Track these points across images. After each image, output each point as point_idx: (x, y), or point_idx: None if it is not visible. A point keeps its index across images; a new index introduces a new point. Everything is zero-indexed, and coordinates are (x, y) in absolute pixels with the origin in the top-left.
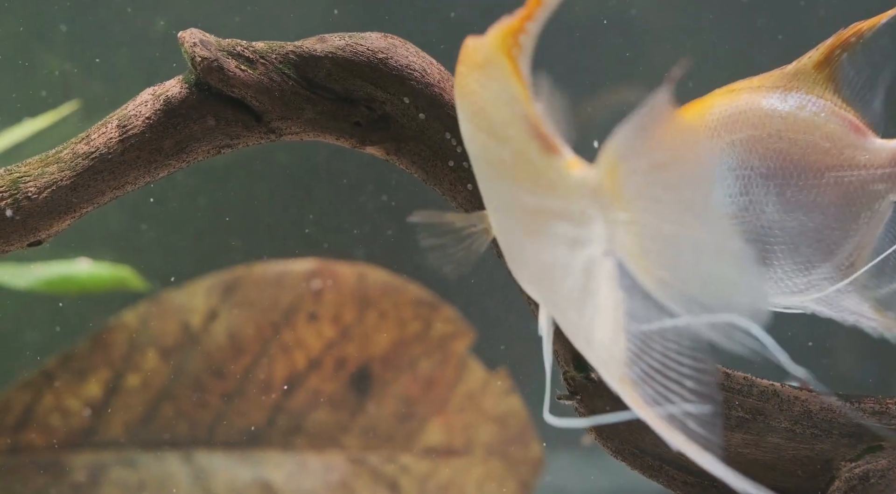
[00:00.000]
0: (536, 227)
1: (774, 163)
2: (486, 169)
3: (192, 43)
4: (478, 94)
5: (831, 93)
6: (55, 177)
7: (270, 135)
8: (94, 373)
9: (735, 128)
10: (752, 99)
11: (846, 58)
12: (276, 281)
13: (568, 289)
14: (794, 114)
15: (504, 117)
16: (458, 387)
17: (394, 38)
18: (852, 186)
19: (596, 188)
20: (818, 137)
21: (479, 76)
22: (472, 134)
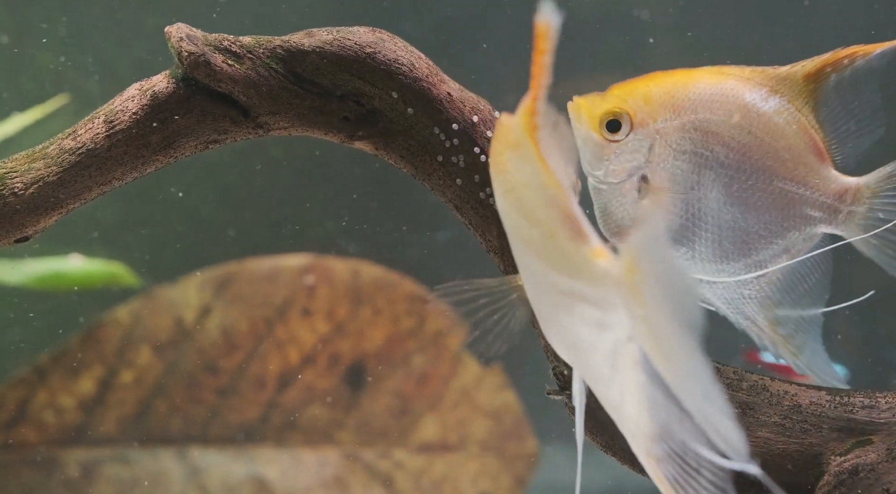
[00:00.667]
0: (565, 305)
1: (734, 155)
2: (519, 244)
3: (179, 37)
4: (511, 174)
5: (809, 110)
6: (42, 173)
7: (258, 130)
8: (88, 370)
9: (713, 108)
10: (737, 88)
11: (834, 78)
12: (270, 276)
13: (596, 364)
14: (769, 116)
15: (535, 200)
16: (452, 383)
17: (382, 33)
18: (793, 203)
19: (618, 280)
20: (782, 146)
21: (512, 156)
22: (506, 210)
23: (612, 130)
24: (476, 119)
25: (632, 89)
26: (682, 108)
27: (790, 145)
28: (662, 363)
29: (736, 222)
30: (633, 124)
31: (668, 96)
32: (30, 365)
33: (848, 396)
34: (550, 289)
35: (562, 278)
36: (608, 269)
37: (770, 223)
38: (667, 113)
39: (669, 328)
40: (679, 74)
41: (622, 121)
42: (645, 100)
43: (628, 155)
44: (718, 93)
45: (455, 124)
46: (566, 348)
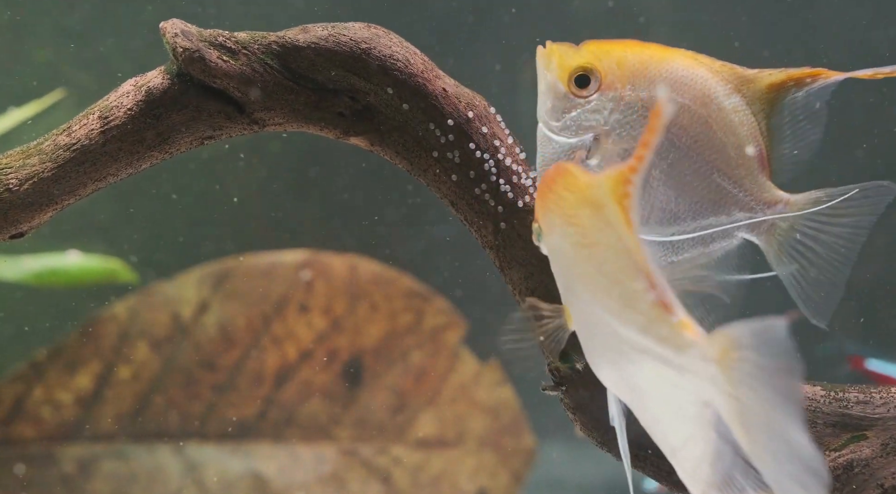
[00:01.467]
0: (632, 358)
1: (686, 140)
2: (582, 290)
3: (174, 33)
4: (588, 230)
5: (763, 117)
6: (36, 169)
7: (253, 126)
8: (85, 366)
9: (681, 90)
10: (706, 77)
11: (793, 93)
12: (267, 272)
13: (657, 410)
14: (727, 111)
15: (616, 262)
16: (450, 379)
17: (377, 29)
18: (725, 201)
19: (706, 356)
20: (730, 143)
21: (590, 214)
22: (574, 260)
23: (580, 86)
24: (471, 115)
25: (608, 50)
26: (652, 82)
27: (738, 145)
28: (747, 440)
29: (667, 204)
30: (601, 84)
31: (641, 66)
32: (27, 360)
33: (842, 391)
34: (616, 340)
35: (637, 336)
36: (696, 344)
37: (698, 214)
38: (636, 82)
39: (762, 415)
40: (655, 48)
41: (592, 78)
42: (619, 63)
43: (589, 114)
44: (689, 77)
45: (450, 120)
46: (621, 387)
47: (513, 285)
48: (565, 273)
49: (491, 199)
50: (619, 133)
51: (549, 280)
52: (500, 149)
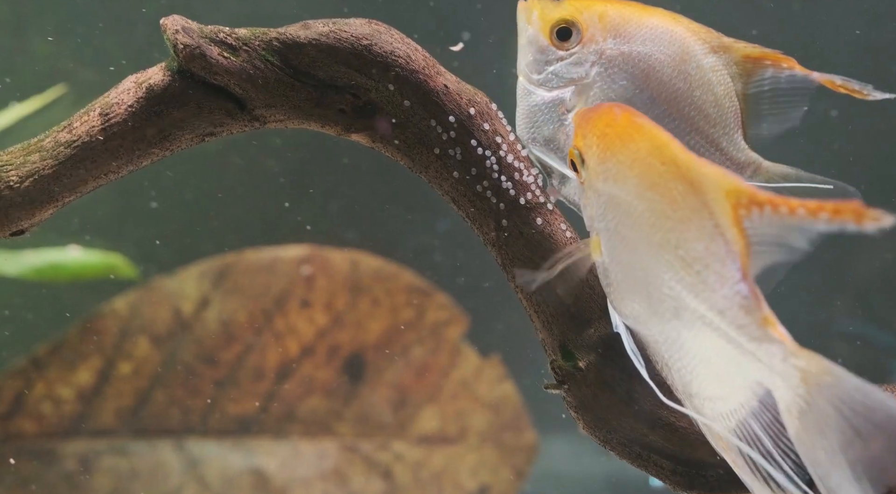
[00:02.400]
0: (687, 320)
1: (666, 96)
2: (643, 247)
3: (175, 30)
4: (676, 203)
5: (739, 81)
6: (37, 166)
7: (254, 122)
8: (85, 361)
9: (661, 46)
10: (686, 35)
11: (772, 70)
12: (268, 267)
13: (689, 361)
14: (705, 70)
15: (702, 245)
16: (451, 374)
17: (378, 25)
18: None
19: (792, 361)
20: (708, 101)
21: (687, 192)
22: (641, 218)
23: (561, 38)
24: (473, 111)
25: (589, 4)
26: (632, 37)
27: (715, 103)
28: (799, 431)
29: None
30: (582, 37)
31: (622, 20)
32: (27, 356)
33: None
34: (673, 301)
35: (710, 313)
36: (783, 345)
37: None
38: (618, 36)
39: (824, 428)
40: (635, 5)
41: (574, 31)
42: (600, 17)
43: (571, 67)
44: (668, 34)
45: (452, 117)
46: (650, 327)
47: (514, 283)
48: (623, 223)
49: (493, 197)
50: (600, 86)
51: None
52: (501, 146)
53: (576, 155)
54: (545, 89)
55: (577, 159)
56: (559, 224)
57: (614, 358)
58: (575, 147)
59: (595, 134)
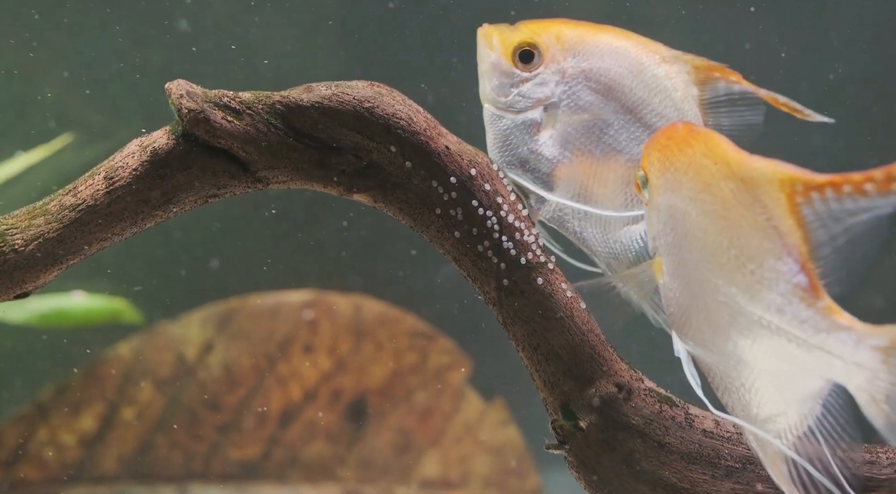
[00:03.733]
0: (746, 329)
1: (630, 106)
2: (698, 256)
3: (179, 94)
4: (728, 202)
5: (693, 86)
6: (42, 230)
7: (257, 184)
8: (89, 406)
9: (617, 59)
10: (639, 47)
11: (722, 86)
12: (272, 312)
13: (752, 378)
14: (661, 78)
15: (757, 241)
16: (454, 418)
17: (380, 87)
18: None
19: (866, 342)
20: (669, 107)
21: (738, 189)
22: (696, 223)
23: (524, 61)
24: (474, 172)
25: (545, 26)
26: (590, 54)
27: (675, 107)
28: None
29: (619, 170)
30: (544, 58)
31: (578, 39)
32: (32, 402)
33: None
34: (730, 310)
35: (768, 314)
36: (853, 329)
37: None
38: (577, 54)
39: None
40: (587, 25)
41: (535, 53)
42: (557, 38)
43: (536, 87)
44: (622, 48)
45: (453, 178)
46: (711, 351)
47: (516, 341)
48: (679, 233)
49: (494, 256)
50: (566, 103)
51: (552, 337)
52: (502, 206)
53: (640, 177)
54: (513, 112)
55: (639, 181)
56: (560, 283)
57: (616, 417)
58: (640, 170)
59: (656, 149)
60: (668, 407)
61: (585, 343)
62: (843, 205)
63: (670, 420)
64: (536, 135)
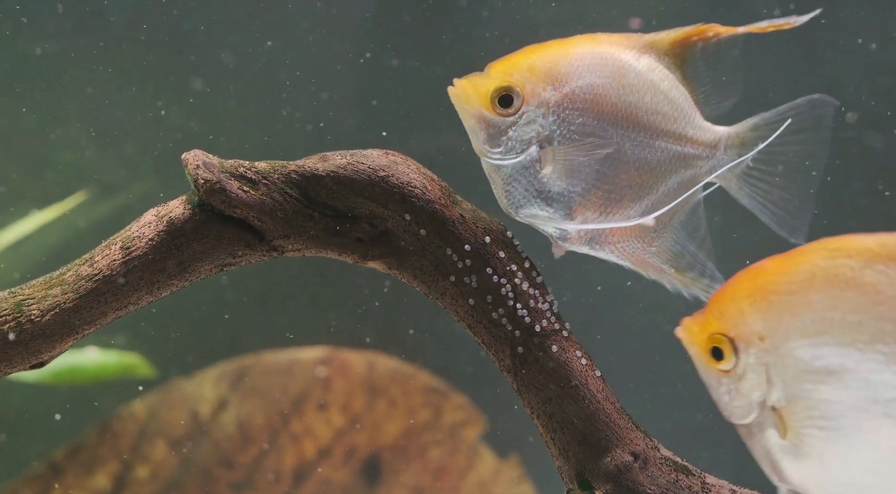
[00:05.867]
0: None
1: (623, 115)
2: (840, 369)
3: (196, 165)
4: (879, 287)
5: (676, 68)
6: (58, 300)
7: (272, 252)
8: (103, 465)
9: (595, 71)
10: (612, 50)
11: (700, 45)
12: (286, 369)
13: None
14: (645, 73)
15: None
16: (469, 476)
17: (395, 155)
18: (678, 156)
19: None
20: (661, 100)
21: (889, 270)
22: (856, 334)
23: (505, 106)
24: (488, 239)
25: (514, 63)
26: (567, 76)
27: (668, 99)
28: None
29: (631, 180)
30: (524, 97)
31: (551, 65)
32: (45, 460)
33: None
34: (870, 415)
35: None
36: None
37: (660, 177)
38: (554, 82)
39: None
40: (555, 44)
41: (513, 95)
42: (530, 72)
43: (525, 127)
44: (598, 57)
45: (467, 245)
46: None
47: (531, 409)
48: (818, 383)
49: (508, 324)
50: (559, 132)
51: (567, 405)
52: (517, 274)
53: (721, 340)
54: (511, 158)
55: (726, 346)
56: (575, 350)
57: (631, 487)
58: (715, 335)
59: (740, 302)
60: (685, 476)
61: (601, 411)
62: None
63: (687, 489)
64: (539, 173)
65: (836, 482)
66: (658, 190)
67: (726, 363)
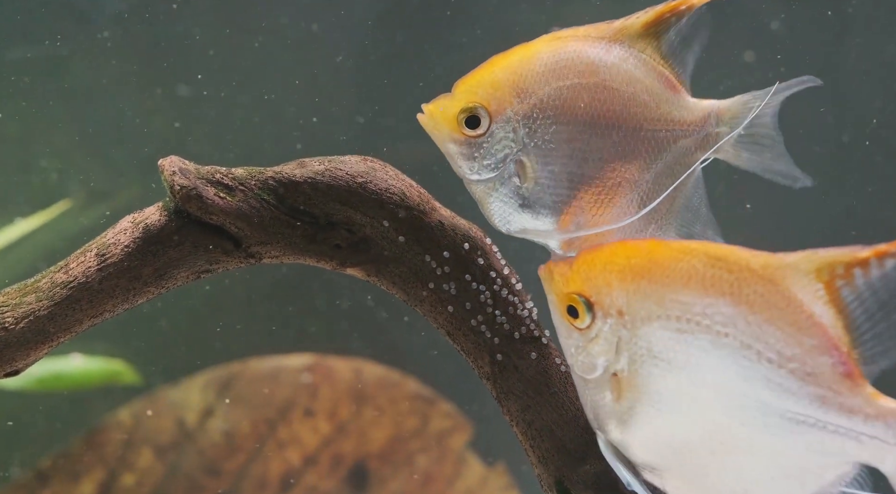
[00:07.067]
0: (773, 431)
1: (599, 112)
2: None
3: (172, 171)
4: (756, 307)
5: (652, 49)
6: (33, 307)
7: (250, 259)
8: (89, 473)
9: (562, 74)
10: (578, 47)
11: (674, 21)
12: (272, 376)
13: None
14: (617, 65)
15: (794, 339)
16: (456, 484)
17: (374, 162)
18: (665, 141)
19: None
20: (639, 89)
21: (768, 291)
22: (716, 344)
23: (472, 126)
24: (467, 246)
25: (478, 80)
26: (532, 85)
27: (646, 87)
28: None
29: (620, 176)
30: (490, 115)
31: (515, 77)
32: (31, 469)
33: None
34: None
35: (809, 409)
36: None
37: (650, 165)
38: (520, 93)
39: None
40: (517, 51)
41: (479, 115)
42: (494, 87)
43: (498, 144)
44: (563, 59)
45: (446, 252)
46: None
47: (510, 416)
48: (673, 350)
49: (487, 331)
50: (535, 142)
51: (546, 413)
52: (496, 281)
53: (577, 300)
54: (491, 174)
55: (583, 308)
56: (554, 358)
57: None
58: (577, 295)
59: (610, 274)
60: None
61: (580, 417)
62: (885, 275)
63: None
64: (521, 187)
65: (654, 451)
66: (650, 179)
67: (581, 322)
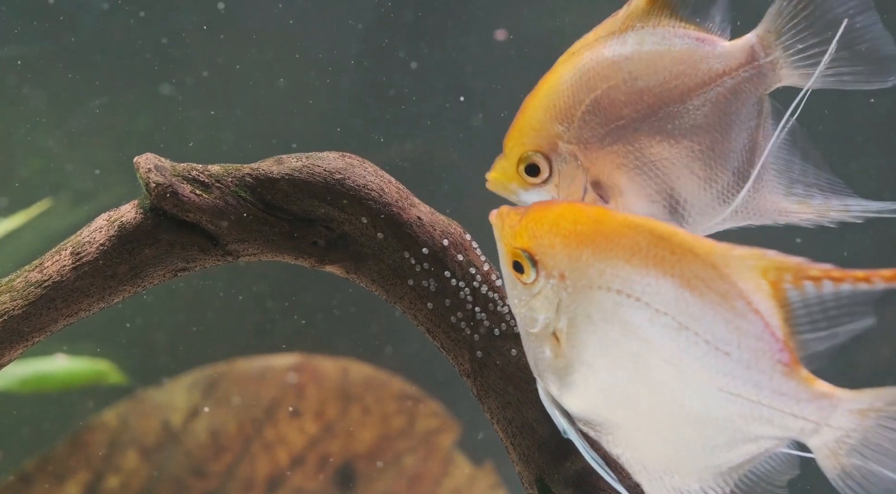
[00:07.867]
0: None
1: (641, 104)
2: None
3: (147, 168)
4: (699, 290)
5: (668, 18)
6: (7, 307)
7: (227, 257)
8: (73, 475)
9: (591, 86)
10: (593, 54)
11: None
12: (258, 376)
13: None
14: (636, 52)
15: (733, 326)
16: (443, 483)
17: (352, 158)
18: (721, 96)
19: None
20: (669, 64)
21: (712, 278)
22: (639, 322)
23: (533, 174)
24: (446, 242)
25: (520, 130)
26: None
27: (675, 57)
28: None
29: (693, 151)
30: (545, 154)
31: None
32: (15, 471)
33: None
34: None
35: (748, 392)
36: (828, 394)
37: (719, 127)
38: (562, 121)
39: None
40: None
41: (536, 161)
42: (537, 129)
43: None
44: (585, 72)
45: (425, 248)
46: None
47: (490, 414)
48: (611, 315)
49: (467, 328)
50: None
51: (526, 410)
52: (476, 277)
53: (523, 256)
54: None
55: (528, 264)
56: None
57: (591, 492)
58: (522, 251)
59: (555, 237)
60: None
61: None
62: (838, 294)
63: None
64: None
65: (588, 410)
66: (724, 137)
67: (526, 277)
